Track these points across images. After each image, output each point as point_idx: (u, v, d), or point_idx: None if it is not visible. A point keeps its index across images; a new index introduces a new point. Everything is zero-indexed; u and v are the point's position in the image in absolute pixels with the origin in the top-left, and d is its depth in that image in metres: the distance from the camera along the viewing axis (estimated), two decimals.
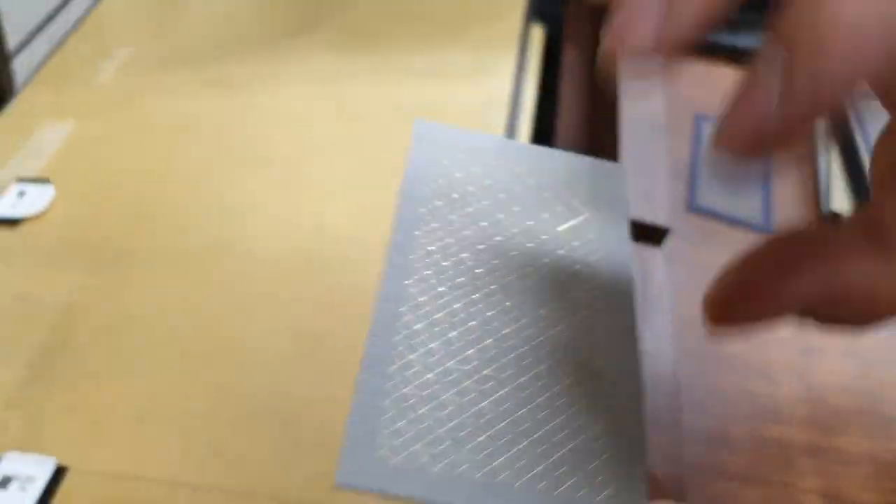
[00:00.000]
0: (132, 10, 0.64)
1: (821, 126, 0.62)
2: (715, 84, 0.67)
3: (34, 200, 0.48)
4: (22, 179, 0.50)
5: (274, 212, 0.46)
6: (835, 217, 0.58)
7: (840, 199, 0.60)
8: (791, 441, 0.45)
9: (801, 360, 0.49)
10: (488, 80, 0.53)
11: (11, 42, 0.58)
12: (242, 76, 0.55)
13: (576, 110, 0.60)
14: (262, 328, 0.40)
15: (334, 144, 0.49)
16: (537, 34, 0.58)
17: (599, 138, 0.57)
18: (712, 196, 0.61)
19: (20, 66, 0.59)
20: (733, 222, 0.59)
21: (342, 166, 0.48)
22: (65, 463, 0.36)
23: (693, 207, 0.61)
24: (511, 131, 0.49)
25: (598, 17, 0.68)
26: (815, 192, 0.60)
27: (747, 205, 0.60)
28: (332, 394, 0.37)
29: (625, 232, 0.24)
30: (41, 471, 0.35)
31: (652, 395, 0.39)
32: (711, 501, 0.39)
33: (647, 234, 0.45)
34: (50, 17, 0.62)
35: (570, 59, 0.64)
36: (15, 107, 0.56)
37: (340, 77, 0.54)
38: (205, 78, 0.56)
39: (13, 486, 0.35)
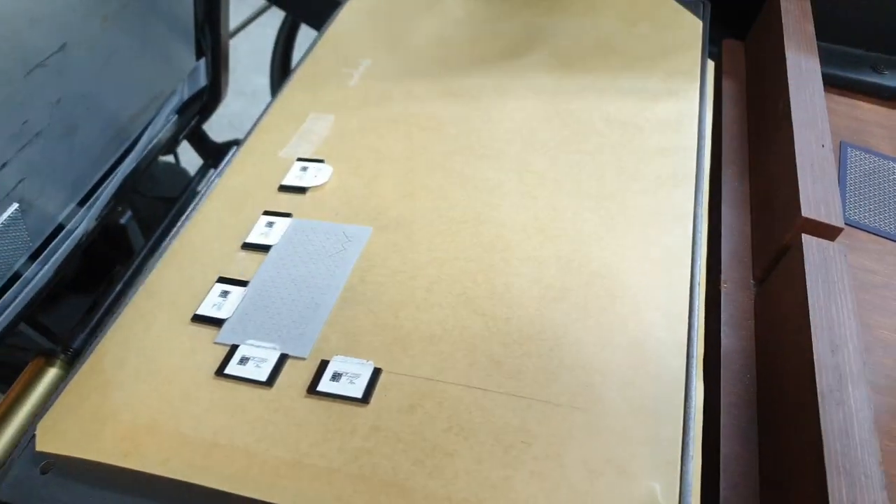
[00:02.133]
0: (363, 29, 0.77)
1: None
2: (858, 117, 0.76)
3: (315, 174, 0.60)
4: (301, 159, 0.62)
5: (513, 194, 0.56)
6: None
7: None
8: None
9: None
10: (678, 100, 0.63)
11: None
12: (472, 88, 0.66)
13: (737, 128, 0.70)
14: (519, 279, 0.50)
15: (556, 145, 0.60)
16: (711, 67, 0.68)
17: (757, 150, 0.67)
18: (860, 211, 0.69)
19: None
20: (880, 235, 0.67)
21: (565, 162, 0.58)
22: (379, 367, 0.46)
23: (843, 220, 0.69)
24: (701, 142, 0.59)
25: (750, 52, 0.78)
26: None
27: (893, 221, 0.69)
28: (574, 332, 0.47)
29: None
30: (364, 370, 0.46)
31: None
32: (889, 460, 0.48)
33: (823, 230, 0.54)
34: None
35: (729, 87, 0.74)
36: (280, 103, 0.69)
37: (556, 92, 0.65)
38: (440, 88, 0.67)
39: (343, 380, 0.46)
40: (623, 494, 0.39)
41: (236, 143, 1.01)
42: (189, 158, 1.14)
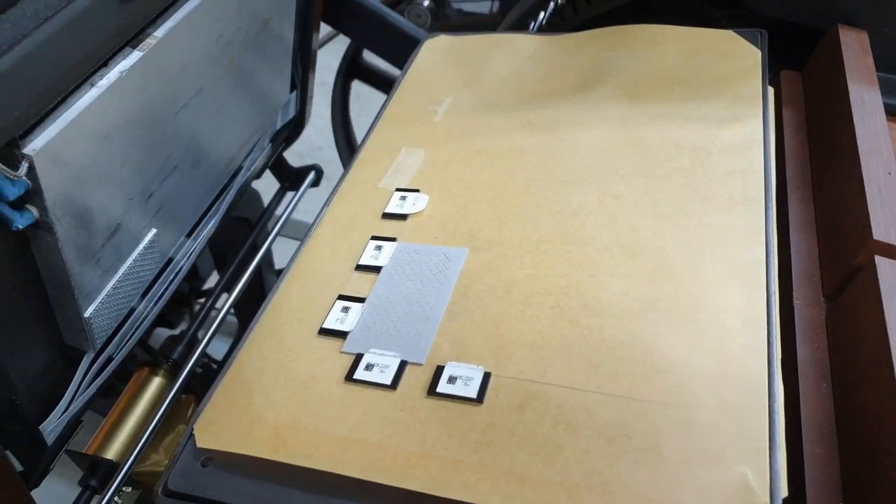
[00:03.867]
0: (441, 69, 0.84)
1: None
2: None
3: (413, 203, 0.67)
4: (399, 189, 0.69)
5: (594, 216, 0.62)
6: None
7: None
8: None
9: None
10: (743, 125, 0.68)
11: None
12: (548, 120, 0.73)
13: (799, 154, 0.75)
14: (608, 292, 0.56)
15: (631, 170, 0.66)
16: (771, 93, 0.73)
17: (821, 176, 0.71)
18: None
19: None
20: None
21: (641, 185, 0.64)
22: (488, 370, 0.52)
23: None
24: (767, 164, 0.64)
25: (808, 83, 0.82)
26: None
27: None
28: (663, 339, 0.53)
29: None
30: (475, 374, 0.52)
31: None
32: None
33: (893, 252, 0.59)
34: None
35: (789, 116, 0.79)
36: (373, 139, 0.76)
37: (626, 121, 0.70)
38: (518, 121, 0.74)
39: (459, 382, 0.52)
40: (718, 481, 0.45)
41: (314, 168, 1.09)
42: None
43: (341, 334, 0.57)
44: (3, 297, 0.56)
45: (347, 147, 1.47)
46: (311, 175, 1.06)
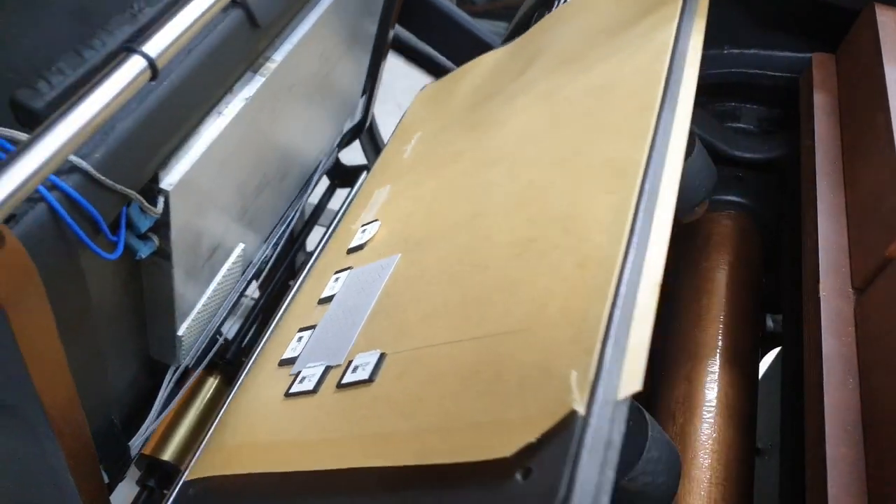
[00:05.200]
0: (420, 112, 0.91)
1: None
2: None
3: (369, 232, 0.73)
4: (362, 225, 0.75)
5: (502, 185, 0.63)
6: None
7: None
8: None
9: None
10: (655, 45, 0.63)
11: None
12: (489, 116, 0.75)
13: (830, 140, 0.69)
14: (493, 249, 0.56)
15: (543, 131, 0.65)
16: (702, 3, 0.67)
17: (853, 163, 0.65)
18: None
19: None
20: None
21: (549, 141, 0.63)
22: (385, 352, 0.55)
23: None
24: (672, 68, 0.59)
25: (842, 65, 0.75)
26: None
27: None
28: (531, 271, 0.51)
29: None
30: (372, 358, 0.55)
31: None
32: None
33: None
34: None
35: (820, 100, 0.73)
36: (362, 190, 0.84)
37: (552, 90, 0.70)
38: (464, 128, 0.77)
39: (359, 370, 0.55)
40: (544, 389, 0.42)
41: (366, 168, 1.09)
42: None
43: (293, 360, 0.63)
44: (110, 318, 0.58)
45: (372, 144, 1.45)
46: (364, 174, 1.01)
